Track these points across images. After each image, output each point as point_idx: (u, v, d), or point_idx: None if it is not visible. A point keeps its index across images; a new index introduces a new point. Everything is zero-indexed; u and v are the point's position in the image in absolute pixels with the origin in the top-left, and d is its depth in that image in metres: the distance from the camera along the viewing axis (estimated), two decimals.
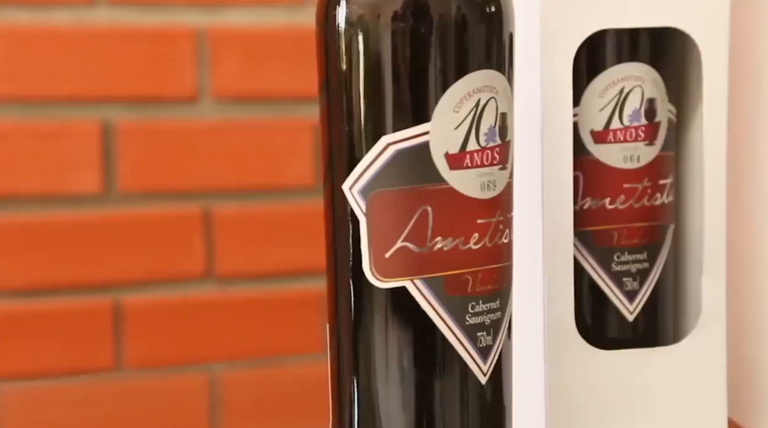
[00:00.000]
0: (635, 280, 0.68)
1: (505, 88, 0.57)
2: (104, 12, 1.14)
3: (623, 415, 0.68)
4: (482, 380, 0.58)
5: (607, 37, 0.67)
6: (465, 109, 0.56)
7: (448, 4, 0.56)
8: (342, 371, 0.58)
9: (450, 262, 0.56)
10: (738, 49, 0.73)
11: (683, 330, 0.69)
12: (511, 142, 0.58)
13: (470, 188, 0.56)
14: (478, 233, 0.56)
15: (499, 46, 0.57)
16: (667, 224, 0.69)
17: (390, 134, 0.55)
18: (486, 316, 0.57)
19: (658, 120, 0.68)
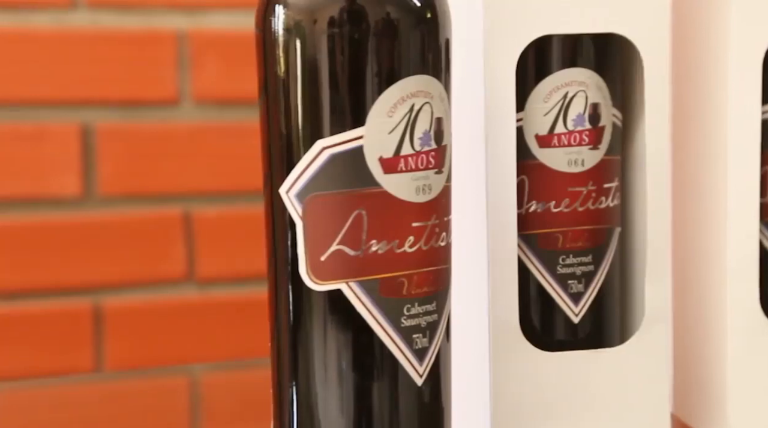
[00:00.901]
0: (580, 282, 0.68)
1: (441, 93, 0.57)
2: (84, 15, 1.14)
3: (568, 416, 0.68)
4: (418, 381, 0.58)
5: (551, 43, 0.67)
6: (399, 113, 0.56)
7: (384, 11, 0.56)
8: (282, 374, 0.59)
9: (385, 265, 0.56)
10: (682, 53, 0.74)
11: (629, 332, 0.69)
12: (447, 146, 0.58)
13: (405, 192, 0.56)
14: (413, 236, 0.57)
15: (434, 52, 0.58)
16: (612, 227, 0.69)
17: (325, 139, 0.56)
18: (422, 318, 0.57)
19: (602, 125, 0.68)
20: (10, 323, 1.13)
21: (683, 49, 0.74)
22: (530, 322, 0.68)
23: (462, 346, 0.70)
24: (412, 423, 0.58)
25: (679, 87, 0.74)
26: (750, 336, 0.69)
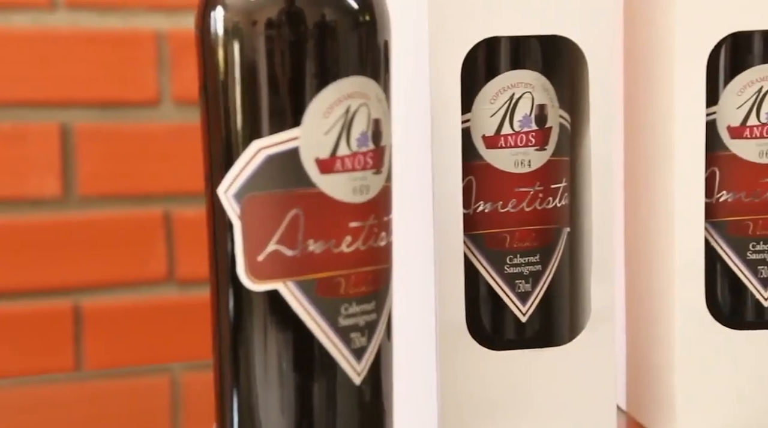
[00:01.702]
0: (528, 282, 0.68)
1: (379, 94, 0.57)
2: (64, 15, 1.14)
3: (514, 415, 0.68)
4: (356, 380, 0.57)
5: (497, 45, 0.67)
6: (335, 115, 0.56)
7: (321, 13, 0.56)
8: (223, 374, 0.58)
9: (322, 265, 0.56)
10: (632, 57, 0.73)
11: (578, 331, 0.69)
12: (387, 147, 0.58)
13: (341, 192, 0.56)
14: (350, 236, 0.56)
15: (372, 53, 0.57)
16: (560, 227, 0.69)
17: (261, 139, 0.55)
18: (360, 318, 0.57)
19: (549, 126, 0.67)
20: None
21: (633, 52, 0.73)
22: (479, 321, 0.68)
23: (410, 345, 0.70)
24: (350, 421, 0.58)
25: (629, 90, 0.74)
26: (697, 334, 0.69)
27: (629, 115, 0.74)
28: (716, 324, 0.69)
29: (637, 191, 0.73)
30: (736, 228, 0.69)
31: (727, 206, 0.69)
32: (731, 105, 0.69)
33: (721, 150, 0.69)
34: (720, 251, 0.70)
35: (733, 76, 0.69)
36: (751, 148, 0.69)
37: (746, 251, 0.70)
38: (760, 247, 0.69)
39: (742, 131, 0.69)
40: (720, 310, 0.70)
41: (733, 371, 0.69)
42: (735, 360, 0.69)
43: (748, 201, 0.69)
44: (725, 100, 0.69)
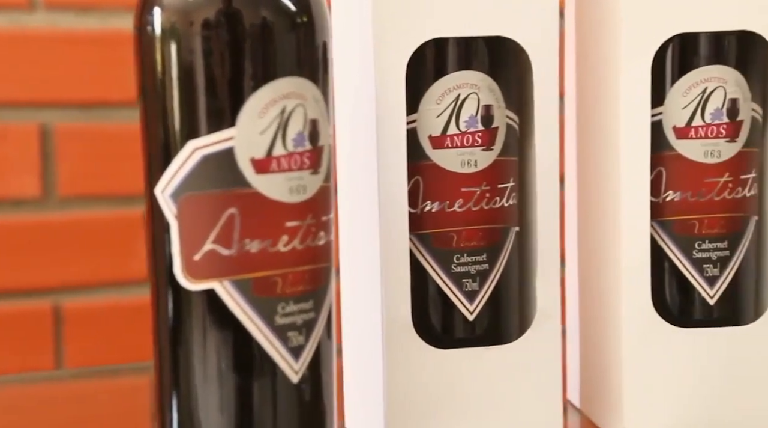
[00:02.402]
0: (475, 281, 0.67)
1: (316, 95, 0.57)
2: (43, 16, 1.13)
3: (462, 413, 0.67)
4: (294, 379, 0.57)
5: (443, 46, 0.66)
6: (270, 115, 0.55)
7: (258, 14, 0.55)
8: (162, 374, 0.58)
9: (258, 264, 0.56)
10: (581, 59, 0.73)
11: (526, 330, 0.69)
12: (325, 147, 0.57)
13: (278, 192, 0.56)
14: (287, 236, 0.56)
15: (310, 54, 0.57)
16: (508, 226, 0.68)
17: (197, 139, 0.55)
18: (297, 316, 0.57)
19: (495, 126, 0.67)
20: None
21: (583, 53, 0.73)
22: (427, 320, 0.68)
23: (359, 344, 0.70)
24: (289, 420, 0.57)
25: (580, 91, 0.73)
26: (643, 332, 0.68)
27: (580, 116, 0.74)
28: (663, 322, 0.68)
29: (588, 190, 0.73)
30: (683, 227, 0.69)
31: (673, 206, 0.69)
32: (677, 105, 0.68)
33: (667, 150, 0.69)
34: (667, 250, 0.69)
35: (679, 77, 0.68)
36: (696, 148, 0.68)
37: (692, 250, 0.69)
38: (706, 246, 0.69)
39: (688, 132, 0.68)
40: (667, 308, 0.70)
41: (680, 369, 0.68)
42: (682, 358, 0.68)
43: (694, 201, 0.68)
44: (671, 100, 0.68)
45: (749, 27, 0.67)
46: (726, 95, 0.68)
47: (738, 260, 0.69)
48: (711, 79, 0.68)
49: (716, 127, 0.68)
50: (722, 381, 0.69)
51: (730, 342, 0.68)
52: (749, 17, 0.67)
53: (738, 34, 0.68)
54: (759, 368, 0.69)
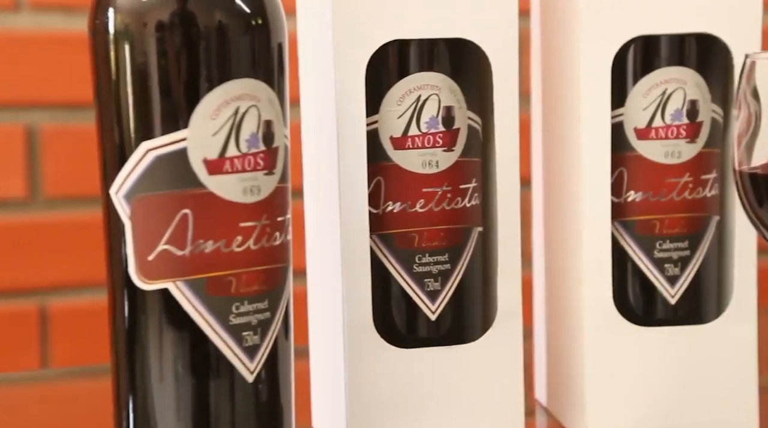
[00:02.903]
0: (437, 281, 0.67)
1: (270, 96, 0.56)
2: (28, 17, 1.13)
3: (424, 412, 0.67)
4: (249, 378, 0.56)
5: (403, 47, 0.66)
6: (223, 116, 0.55)
7: (211, 16, 0.55)
8: (119, 374, 0.57)
9: (212, 264, 0.55)
10: (545, 62, 0.73)
11: (489, 329, 0.68)
12: (280, 148, 0.57)
13: (231, 193, 0.55)
14: (241, 236, 0.55)
15: (264, 56, 0.56)
16: (471, 226, 0.68)
17: (150, 140, 0.54)
18: (252, 316, 0.56)
19: (456, 127, 0.66)
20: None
21: (546, 55, 0.73)
22: (390, 320, 0.67)
23: (323, 345, 0.69)
24: (244, 419, 0.57)
25: (545, 92, 0.73)
26: (605, 331, 0.68)
27: (545, 117, 0.73)
28: (625, 321, 0.68)
29: (552, 191, 0.73)
30: (644, 227, 0.68)
31: (634, 206, 0.68)
32: (637, 107, 0.68)
33: (629, 151, 0.68)
34: (628, 249, 0.69)
35: (639, 79, 0.67)
36: (656, 148, 0.68)
37: (653, 250, 0.68)
38: (667, 245, 0.68)
39: (648, 133, 0.68)
40: (629, 308, 0.69)
41: (642, 367, 0.68)
42: (644, 357, 0.68)
43: (655, 201, 0.68)
44: (632, 102, 0.68)
45: (709, 30, 0.67)
46: (686, 97, 0.67)
47: (699, 259, 0.69)
48: (671, 81, 0.67)
49: (676, 128, 0.67)
50: (684, 380, 0.68)
51: (692, 340, 0.68)
52: (709, 20, 0.66)
53: (697, 36, 0.67)
54: (720, 366, 0.68)
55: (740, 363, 0.68)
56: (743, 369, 0.68)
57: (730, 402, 0.68)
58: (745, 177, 0.51)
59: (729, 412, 0.68)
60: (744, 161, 0.51)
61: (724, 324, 0.68)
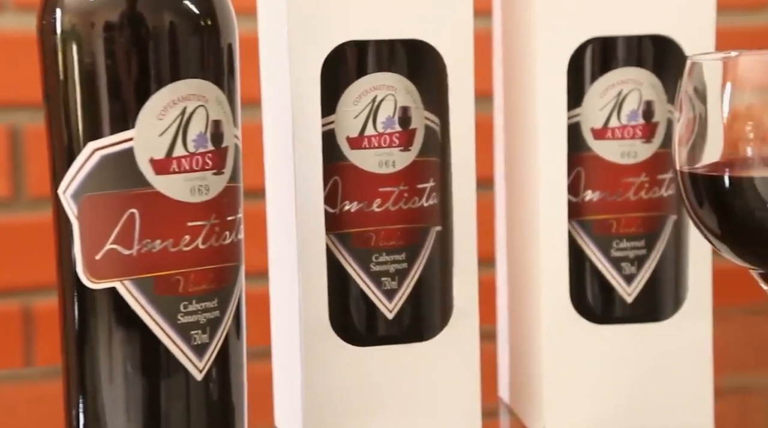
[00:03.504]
0: (394, 279, 0.66)
1: (219, 97, 0.56)
2: (12, 17, 1.13)
3: (380, 410, 0.66)
4: (198, 377, 0.56)
5: (360, 47, 0.65)
6: (170, 116, 0.54)
7: (158, 17, 0.54)
8: (69, 372, 0.57)
9: (159, 263, 0.55)
10: (506, 64, 0.72)
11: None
12: (230, 148, 0.56)
13: (178, 192, 0.55)
14: (189, 236, 0.55)
15: (213, 57, 0.56)
16: (428, 226, 0.67)
17: (96, 140, 0.54)
18: (201, 315, 0.56)
19: (413, 127, 0.66)
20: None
21: (507, 57, 0.72)
22: (348, 319, 0.67)
23: (283, 345, 0.69)
24: (194, 417, 0.56)
25: (506, 93, 0.72)
26: (562, 330, 0.67)
27: (506, 117, 0.73)
28: (582, 320, 0.67)
29: (512, 191, 0.72)
30: (601, 227, 0.68)
31: (592, 206, 0.68)
32: (594, 107, 0.67)
33: (585, 151, 0.68)
34: (586, 249, 0.68)
35: (596, 79, 0.67)
36: (613, 148, 0.67)
37: (610, 249, 0.68)
38: (623, 245, 0.68)
39: (605, 133, 0.67)
40: (587, 307, 0.68)
41: (600, 366, 0.67)
42: (601, 355, 0.67)
43: (612, 200, 0.67)
44: (588, 102, 0.67)
45: (664, 31, 0.66)
46: (641, 97, 0.67)
47: (655, 258, 0.68)
48: (627, 82, 0.67)
49: (632, 128, 0.67)
50: (641, 377, 0.68)
51: (648, 338, 0.68)
52: (664, 21, 0.66)
53: (653, 37, 0.67)
54: (676, 364, 0.68)
55: (696, 361, 0.68)
56: (699, 367, 0.68)
57: (686, 399, 0.68)
58: (686, 178, 0.51)
59: (685, 409, 0.68)
60: (685, 162, 0.51)
61: (680, 321, 0.67)
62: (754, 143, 0.49)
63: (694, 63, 0.50)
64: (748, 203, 0.49)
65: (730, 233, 0.50)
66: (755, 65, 0.49)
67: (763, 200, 0.48)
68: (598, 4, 0.65)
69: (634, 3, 0.66)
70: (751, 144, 0.49)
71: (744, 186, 0.49)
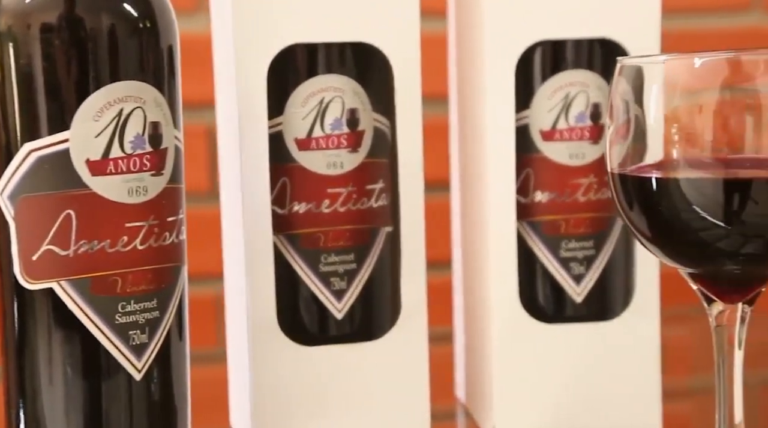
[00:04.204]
0: (343, 280, 0.66)
1: (158, 98, 0.55)
2: None
3: (329, 410, 0.65)
4: (137, 377, 0.55)
5: (308, 50, 0.65)
6: (106, 118, 0.54)
7: (96, 18, 0.53)
8: (9, 375, 0.56)
9: (96, 264, 0.54)
10: (460, 61, 0.71)
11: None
12: (170, 149, 0.56)
13: (115, 193, 0.54)
14: (126, 236, 0.54)
15: (152, 58, 0.55)
16: (378, 226, 0.66)
17: (32, 142, 0.53)
18: (139, 315, 0.55)
19: (361, 129, 0.65)
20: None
21: (459, 59, 0.72)
22: (298, 319, 0.66)
23: (234, 345, 0.68)
24: (134, 417, 0.56)
25: (459, 95, 0.72)
26: (512, 330, 0.67)
27: (460, 119, 0.72)
28: (532, 320, 0.67)
29: (465, 193, 0.71)
30: (550, 227, 0.67)
31: (541, 207, 0.67)
32: (542, 109, 0.67)
33: (534, 152, 0.67)
34: (536, 249, 0.68)
35: (544, 82, 0.66)
36: (561, 150, 0.67)
37: (559, 249, 0.67)
38: (573, 245, 0.67)
39: (553, 134, 0.67)
40: (537, 307, 0.68)
41: (549, 365, 0.67)
42: (551, 354, 0.67)
43: (560, 201, 0.67)
44: (536, 104, 0.67)
45: (611, 35, 0.65)
46: (589, 100, 0.66)
47: (604, 258, 0.67)
48: (574, 84, 0.66)
49: (580, 130, 0.66)
50: (590, 376, 0.67)
51: (597, 337, 0.67)
52: (611, 25, 0.65)
53: (601, 41, 0.66)
54: (625, 362, 0.67)
55: (644, 360, 0.67)
56: (647, 366, 0.67)
57: (635, 398, 0.67)
58: (616, 180, 0.50)
59: (634, 408, 0.67)
60: (616, 164, 0.50)
61: (628, 320, 0.67)
62: (679, 145, 0.48)
63: (623, 66, 0.50)
64: (674, 204, 0.48)
65: (658, 234, 0.50)
66: (680, 68, 0.48)
67: (688, 201, 0.47)
68: (545, 8, 0.65)
69: (581, 6, 0.65)
70: (676, 146, 0.48)
71: (670, 187, 0.48)
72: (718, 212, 0.48)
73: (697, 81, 0.48)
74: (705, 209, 0.48)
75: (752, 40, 1.16)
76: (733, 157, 0.48)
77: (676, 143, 0.48)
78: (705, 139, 0.48)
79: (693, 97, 0.48)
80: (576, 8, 0.65)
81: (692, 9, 1.10)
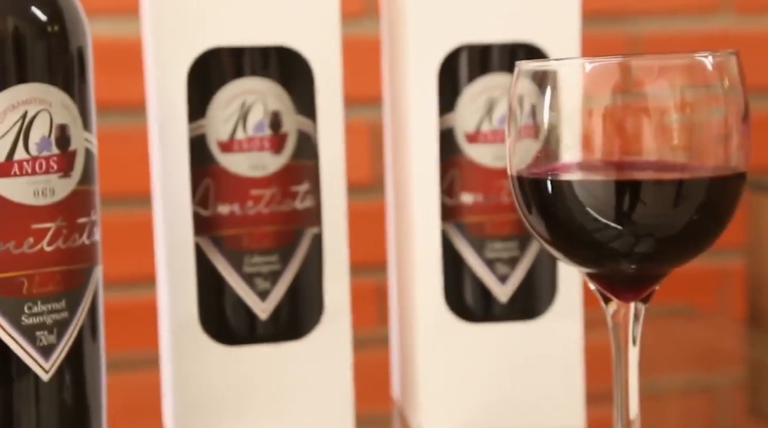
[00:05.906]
0: (267, 280, 0.65)
1: (65, 101, 0.54)
2: None
3: (251, 411, 0.64)
4: (44, 377, 0.54)
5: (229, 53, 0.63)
6: (9, 120, 0.53)
7: (3, 21, 0.53)
8: None
9: (2, 265, 0.53)
10: (390, 64, 0.70)
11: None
12: (78, 151, 0.55)
13: (20, 195, 0.53)
14: (32, 238, 0.53)
15: (60, 61, 0.54)
16: (302, 228, 0.65)
17: None
18: (47, 316, 0.54)
19: (284, 131, 0.64)
20: None
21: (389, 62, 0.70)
22: (222, 320, 0.65)
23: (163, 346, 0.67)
24: (42, 418, 0.55)
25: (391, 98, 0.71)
26: (437, 331, 0.66)
27: (391, 121, 0.71)
28: (457, 320, 0.66)
29: (395, 194, 0.70)
30: (475, 229, 0.66)
31: (467, 208, 0.66)
32: (466, 112, 0.65)
33: (459, 155, 0.66)
34: (462, 250, 0.67)
35: (468, 85, 0.65)
36: (485, 152, 0.65)
37: (485, 250, 0.66)
38: (497, 246, 0.66)
39: (477, 137, 0.65)
40: (463, 307, 0.67)
41: (475, 364, 0.66)
42: (475, 354, 0.66)
43: (485, 203, 0.66)
44: (461, 107, 0.65)
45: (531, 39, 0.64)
46: None
47: (529, 259, 0.66)
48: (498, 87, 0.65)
49: (502, 133, 0.65)
50: (514, 376, 0.66)
51: (522, 337, 0.66)
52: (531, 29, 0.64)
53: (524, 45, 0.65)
54: (550, 362, 0.66)
55: (568, 360, 0.66)
56: (571, 365, 0.66)
57: (559, 397, 0.66)
58: (515, 182, 0.49)
59: (558, 407, 0.66)
60: (514, 166, 0.49)
61: (552, 320, 0.66)
62: (573, 149, 0.47)
63: (520, 70, 0.48)
64: (568, 205, 0.47)
65: (555, 235, 0.49)
66: (573, 73, 0.47)
67: (581, 203, 0.46)
68: (468, 11, 0.63)
69: (504, 11, 0.64)
70: (570, 149, 0.47)
71: (564, 190, 0.47)
72: (609, 213, 0.47)
73: (589, 85, 0.47)
74: (597, 210, 0.47)
75: (722, 43, 1.15)
76: (624, 160, 0.47)
77: (570, 146, 0.47)
78: (596, 142, 0.46)
79: (585, 102, 0.46)
80: (499, 12, 0.64)
81: (664, 11, 1.09)
